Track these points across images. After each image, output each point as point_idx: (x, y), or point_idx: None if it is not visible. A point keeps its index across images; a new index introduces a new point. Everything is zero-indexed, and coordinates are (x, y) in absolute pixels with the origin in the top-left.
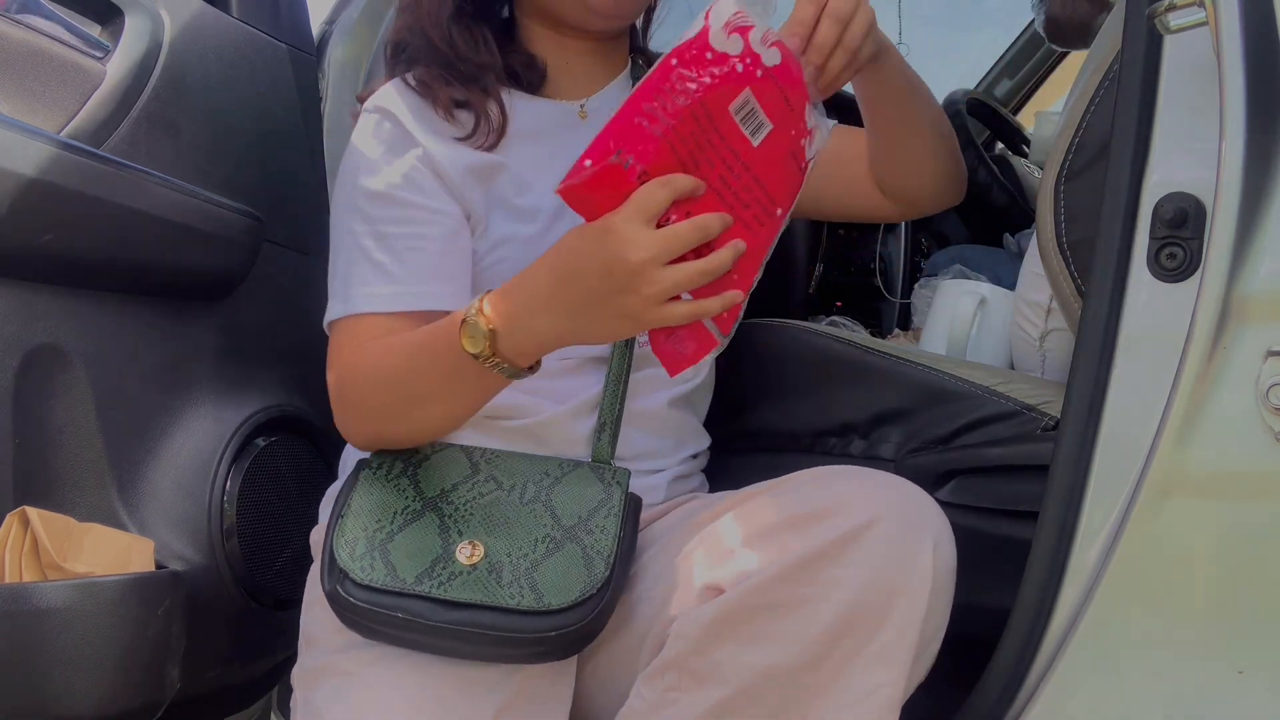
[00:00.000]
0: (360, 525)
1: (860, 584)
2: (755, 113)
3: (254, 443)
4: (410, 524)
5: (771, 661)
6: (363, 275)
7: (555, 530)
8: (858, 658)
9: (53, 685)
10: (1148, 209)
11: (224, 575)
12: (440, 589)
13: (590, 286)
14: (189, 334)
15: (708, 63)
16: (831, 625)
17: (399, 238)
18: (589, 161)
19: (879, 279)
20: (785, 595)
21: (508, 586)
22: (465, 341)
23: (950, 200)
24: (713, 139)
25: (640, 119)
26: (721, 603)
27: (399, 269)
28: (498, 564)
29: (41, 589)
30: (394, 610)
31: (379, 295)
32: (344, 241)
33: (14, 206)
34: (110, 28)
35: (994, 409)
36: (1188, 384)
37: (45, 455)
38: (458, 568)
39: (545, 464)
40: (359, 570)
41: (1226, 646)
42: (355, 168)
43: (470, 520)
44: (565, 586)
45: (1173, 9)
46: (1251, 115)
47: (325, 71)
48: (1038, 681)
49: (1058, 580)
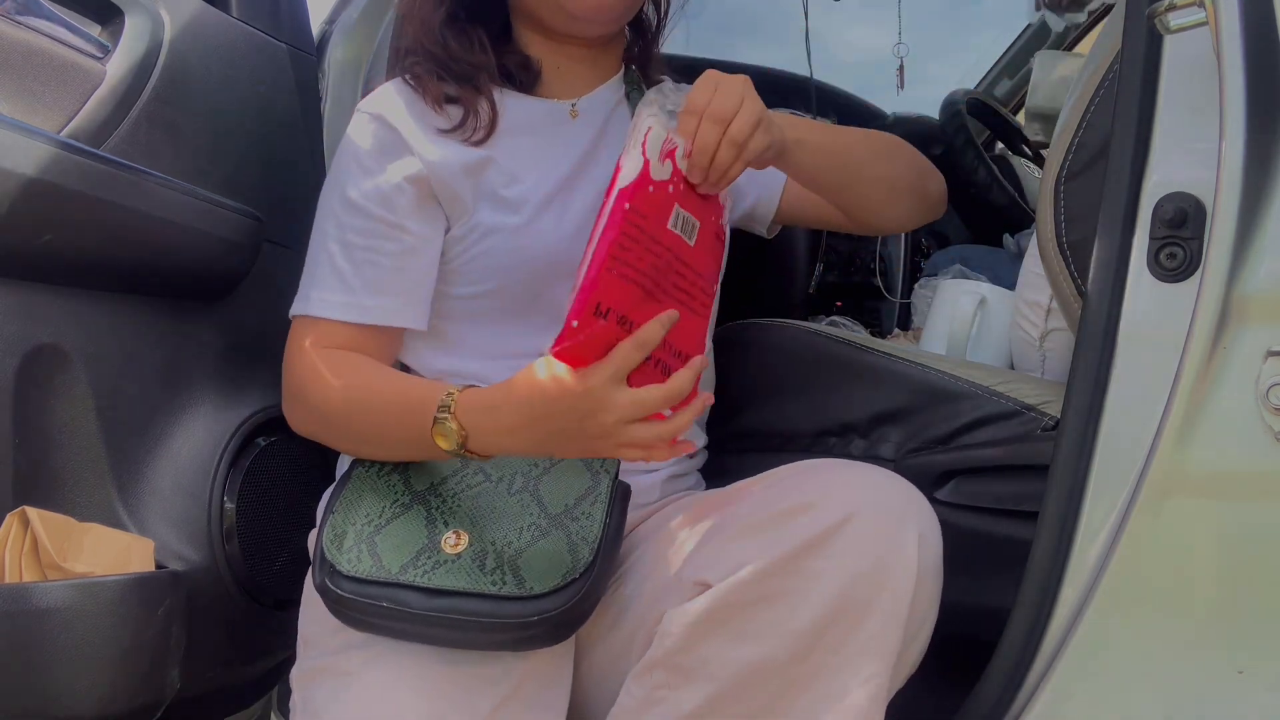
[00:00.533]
0: (349, 520)
1: (845, 576)
2: (688, 220)
3: (254, 442)
4: (398, 517)
5: (759, 656)
6: (323, 278)
7: (541, 519)
8: (844, 650)
9: (53, 685)
10: (1148, 209)
11: (224, 575)
12: (424, 577)
13: (562, 427)
14: (189, 334)
15: (651, 197)
16: (818, 618)
17: (359, 249)
18: (575, 322)
19: (879, 279)
20: (770, 589)
21: (490, 573)
22: (438, 438)
23: (927, 218)
24: (664, 256)
25: (612, 269)
26: (707, 599)
27: (355, 280)
28: (481, 552)
29: (41, 589)
30: (379, 599)
31: (332, 303)
32: (316, 240)
33: (14, 206)
34: (110, 28)
35: (994, 409)
36: (1188, 384)
37: (45, 455)
38: (442, 556)
39: None
40: (345, 562)
41: (1226, 646)
42: (338, 169)
43: (457, 511)
44: (547, 572)
45: (1173, 9)
46: (1251, 115)
47: (325, 71)
48: (1037, 681)
49: (1058, 580)
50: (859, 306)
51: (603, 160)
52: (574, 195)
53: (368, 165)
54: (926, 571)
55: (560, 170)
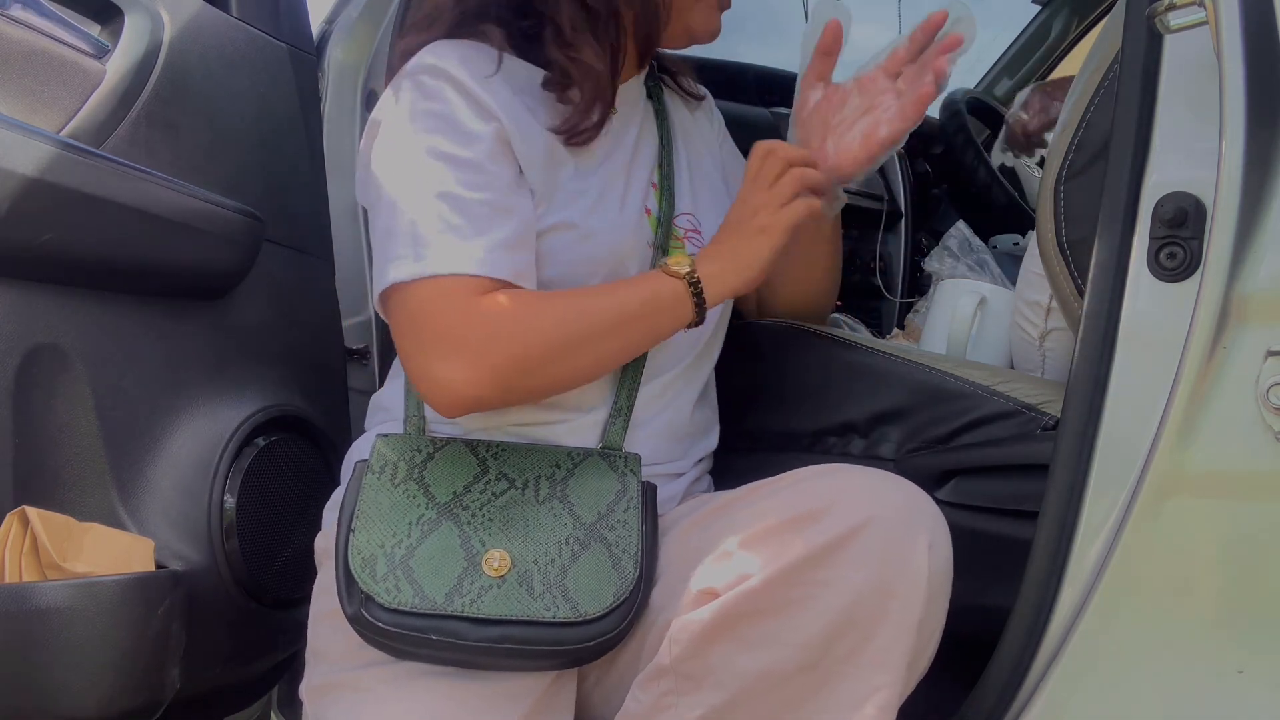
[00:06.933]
0: (375, 540)
1: (854, 587)
2: None
3: (254, 442)
4: (429, 535)
5: (766, 665)
6: (441, 234)
7: (577, 529)
8: (854, 661)
9: (53, 685)
10: (1148, 208)
11: (224, 575)
12: (473, 606)
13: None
14: (189, 333)
15: None
16: (827, 627)
17: (481, 204)
18: None
19: (879, 279)
20: (780, 598)
21: (540, 598)
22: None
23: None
24: None
25: None
26: (716, 606)
27: (481, 230)
28: (526, 573)
29: (41, 589)
30: (426, 632)
31: (464, 257)
32: (407, 201)
33: (14, 206)
34: (110, 27)
35: (994, 408)
36: (1187, 384)
37: (45, 455)
38: (486, 581)
39: (554, 455)
40: (384, 593)
41: (1226, 646)
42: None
43: (490, 526)
44: (598, 592)
45: (1172, 8)
46: (1251, 114)
47: (325, 71)
48: (1037, 681)
49: (1058, 580)
50: (859, 306)
51: (642, 160)
52: (629, 194)
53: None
54: (937, 581)
55: (615, 171)
